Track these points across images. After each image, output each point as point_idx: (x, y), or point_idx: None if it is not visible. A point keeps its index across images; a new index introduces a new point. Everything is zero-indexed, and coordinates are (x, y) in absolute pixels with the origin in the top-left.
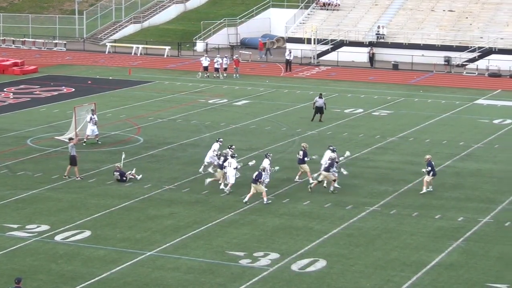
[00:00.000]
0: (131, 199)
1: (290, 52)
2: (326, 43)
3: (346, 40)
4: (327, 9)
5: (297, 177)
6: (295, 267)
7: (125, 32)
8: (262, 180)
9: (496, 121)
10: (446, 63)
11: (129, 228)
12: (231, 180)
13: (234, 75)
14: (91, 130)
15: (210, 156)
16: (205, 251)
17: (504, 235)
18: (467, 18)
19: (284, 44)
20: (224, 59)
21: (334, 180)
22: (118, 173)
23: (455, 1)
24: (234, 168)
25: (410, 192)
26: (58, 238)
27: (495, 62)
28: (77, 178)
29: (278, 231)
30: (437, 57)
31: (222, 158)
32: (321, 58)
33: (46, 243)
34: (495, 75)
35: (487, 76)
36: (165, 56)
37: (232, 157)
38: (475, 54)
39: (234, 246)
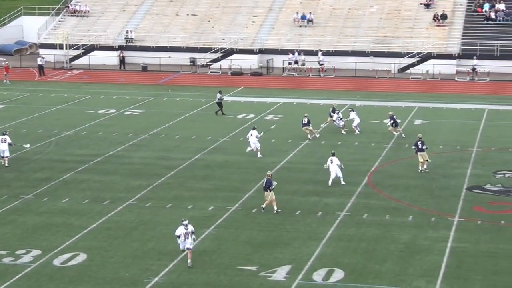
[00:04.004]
0: None
1: (43, 58)
2: (77, 48)
3: (96, 45)
4: (77, 16)
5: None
6: (56, 262)
7: None
8: (272, 187)
9: (240, 116)
10: (191, 63)
11: None
12: None
13: (5, 80)
14: None
15: (253, 142)
16: None
17: (252, 221)
18: (209, 21)
19: (37, 50)
20: None
21: (427, 160)
22: None
23: (197, 5)
24: None
25: (163, 186)
26: None
27: (237, 62)
28: None
29: (38, 228)
30: (183, 58)
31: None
32: (73, 62)
33: None
34: (237, 73)
35: (230, 74)
36: None
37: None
38: (218, 55)
39: None
